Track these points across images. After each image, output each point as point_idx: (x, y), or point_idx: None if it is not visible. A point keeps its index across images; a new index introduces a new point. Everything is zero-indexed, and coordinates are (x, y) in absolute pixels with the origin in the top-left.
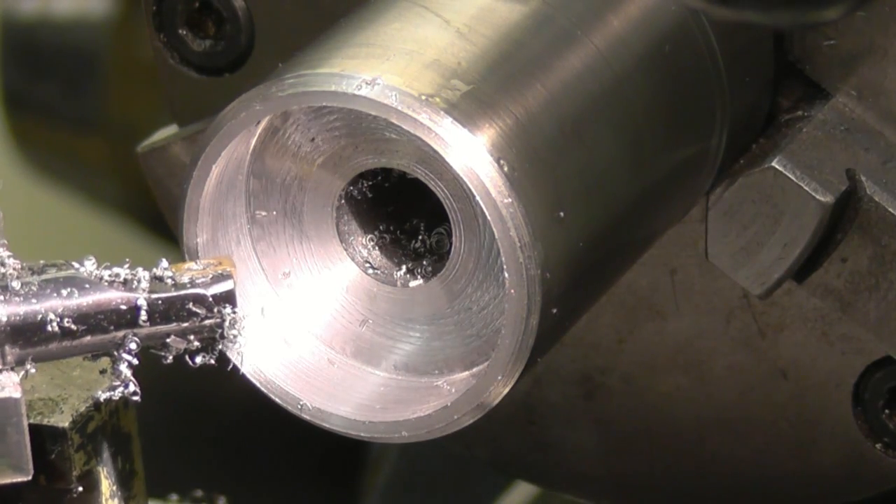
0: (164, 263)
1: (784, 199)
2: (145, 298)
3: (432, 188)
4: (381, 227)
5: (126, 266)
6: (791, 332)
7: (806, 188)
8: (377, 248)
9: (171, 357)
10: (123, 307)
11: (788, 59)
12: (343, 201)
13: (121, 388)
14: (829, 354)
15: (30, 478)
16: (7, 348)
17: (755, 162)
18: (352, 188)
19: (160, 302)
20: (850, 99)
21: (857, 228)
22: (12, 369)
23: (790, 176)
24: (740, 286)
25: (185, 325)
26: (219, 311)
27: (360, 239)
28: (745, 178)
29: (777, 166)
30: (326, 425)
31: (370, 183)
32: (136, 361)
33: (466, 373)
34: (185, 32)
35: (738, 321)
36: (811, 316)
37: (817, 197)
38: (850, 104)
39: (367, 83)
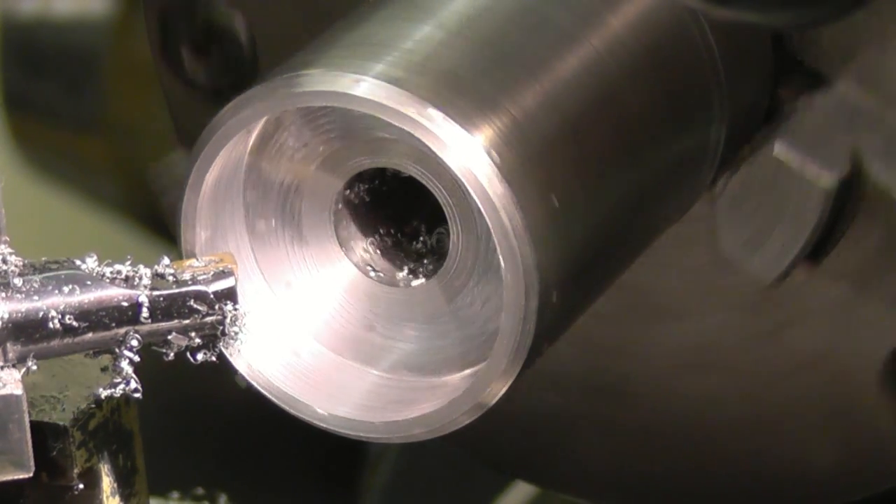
0: (166, 260)
1: (788, 184)
2: (147, 295)
3: (429, 187)
4: (380, 231)
5: (128, 263)
6: (809, 323)
7: (809, 173)
8: (378, 251)
9: (172, 354)
10: (125, 304)
11: (788, 48)
12: (341, 206)
13: (122, 385)
14: (852, 342)
15: (31, 475)
16: (9, 345)
17: (758, 150)
18: (349, 192)
19: (162, 299)
20: (851, 84)
21: (864, 211)
22: (14, 366)
23: (793, 162)
24: (750, 282)
25: (187, 321)
26: (220, 308)
27: (360, 243)
28: (748, 166)
29: (780, 153)
30: (326, 425)
31: (367, 187)
32: (137, 358)
33: (466, 372)
34: (188, 54)
35: (753, 317)
36: (828, 306)
37: (821, 181)
38: (852, 89)
39: (364, 83)
